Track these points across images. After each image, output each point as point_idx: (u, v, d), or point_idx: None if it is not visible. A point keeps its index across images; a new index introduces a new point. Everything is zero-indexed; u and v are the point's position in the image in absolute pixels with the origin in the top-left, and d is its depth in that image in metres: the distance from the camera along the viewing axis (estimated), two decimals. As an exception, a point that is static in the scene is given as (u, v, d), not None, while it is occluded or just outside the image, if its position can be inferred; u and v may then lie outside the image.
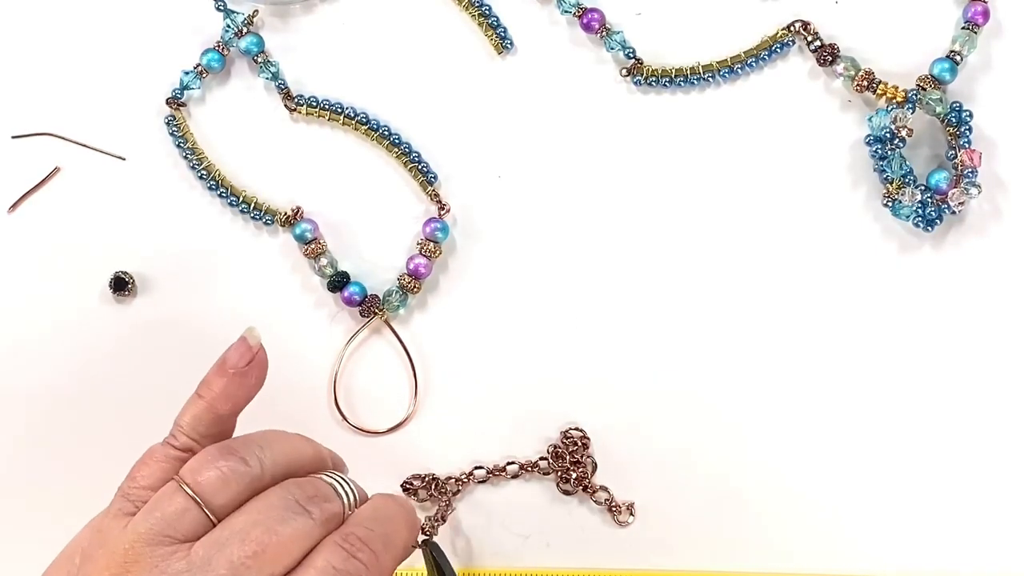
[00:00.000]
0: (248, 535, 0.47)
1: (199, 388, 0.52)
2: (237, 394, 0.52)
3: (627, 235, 0.65)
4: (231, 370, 0.52)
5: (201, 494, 0.48)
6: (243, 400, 0.52)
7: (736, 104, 0.66)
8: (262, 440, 0.51)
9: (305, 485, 0.50)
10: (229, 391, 0.52)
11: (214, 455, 0.49)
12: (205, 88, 0.67)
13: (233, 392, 0.52)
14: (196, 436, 0.51)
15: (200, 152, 0.66)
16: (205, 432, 0.51)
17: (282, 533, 0.48)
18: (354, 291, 0.65)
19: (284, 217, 0.65)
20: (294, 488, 0.50)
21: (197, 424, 0.51)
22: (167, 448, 0.51)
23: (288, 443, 0.52)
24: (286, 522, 0.48)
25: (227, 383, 0.52)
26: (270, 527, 0.48)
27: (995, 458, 0.64)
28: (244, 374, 0.52)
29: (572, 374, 0.65)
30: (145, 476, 0.50)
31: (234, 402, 0.52)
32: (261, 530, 0.48)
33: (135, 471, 0.51)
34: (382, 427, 0.65)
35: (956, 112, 0.63)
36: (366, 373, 0.66)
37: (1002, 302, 0.64)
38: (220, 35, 0.66)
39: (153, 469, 0.50)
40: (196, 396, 0.52)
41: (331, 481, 0.51)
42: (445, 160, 0.66)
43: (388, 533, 0.50)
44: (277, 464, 0.51)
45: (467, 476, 0.64)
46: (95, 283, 0.66)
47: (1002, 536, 0.64)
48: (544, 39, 0.67)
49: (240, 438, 0.51)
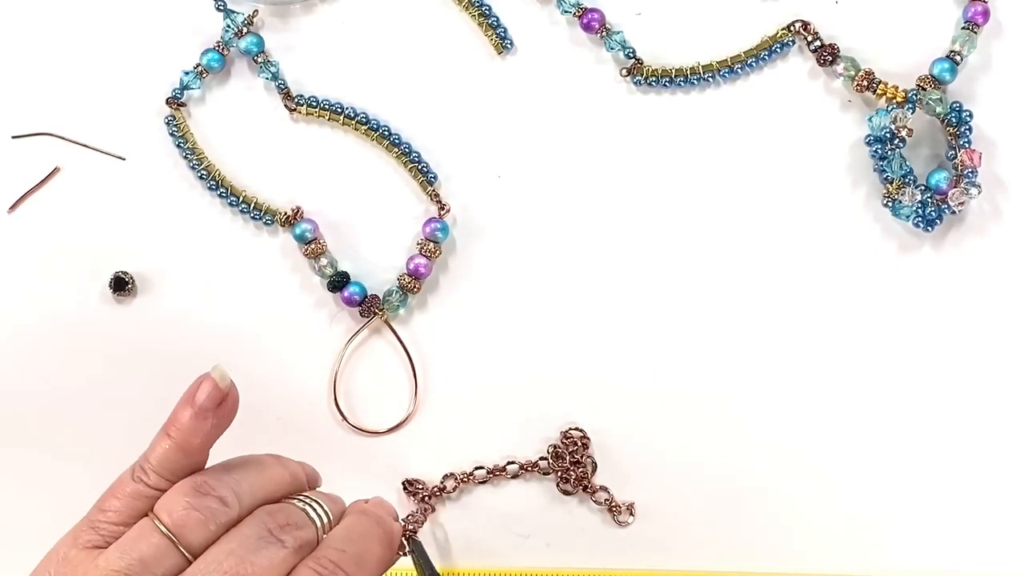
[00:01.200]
0: (221, 567, 0.47)
1: (167, 426, 0.50)
2: (207, 432, 0.50)
3: (627, 235, 0.65)
4: (200, 411, 0.50)
5: (178, 535, 0.48)
6: (214, 436, 0.51)
7: (736, 104, 0.66)
8: (238, 473, 0.51)
9: (277, 514, 0.50)
10: (199, 429, 0.50)
11: (190, 494, 0.49)
12: (205, 88, 0.67)
13: (203, 430, 0.50)
14: (166, 475, 0.50)
15: (200, 152, 0.66)
16: (175, 470, 0.50)
17: (257, 563, 0.48)
18: (354, 291, 0.65)
19: (284, 217, 0.65)
20: (266, 518, 0.50)
21: (166, 463, 0.50)
22: (138, 484, 0.50)
23: (262, 473, 0.51)
24: (260, 552, 0.48)
25: (196, 422, 0.50)
26: (244, 557, 0.48)
27: (995, 458, 0.64)
28: (215, 413, 0.51)
29: (572, 374, 0.65)
30: (115, 510, 0.49)
31: (204, 438, 0.51)
32: (235, 560, 0.48)
33: (104, 503, 0.50)
34: (382, 427, 0.65)
35: (956, 112, 0.63)
36: (366, 373, 0.66)
37: (1002, 302, 0.64)
38: (220, 35, 0.66)
39: (124, 503, 0.49)
40: (164, 435, 0.50)
41: (303, 506, 0.51)
42: (445, 160, 0.66)
43: (360, 552, 0.50)
44: (255, 497, 0.50)
45: (467, 476, 0.64)
46: (95, 283, 0.66)
47: (1002, 536, 0.64)
48: (544, 39, 0.67)
49: (214, 471, 0.51)
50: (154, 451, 0.50)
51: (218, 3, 0.67)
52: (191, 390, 0.51)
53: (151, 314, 0.66)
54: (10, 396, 0.66)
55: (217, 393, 0.50)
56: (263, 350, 0.65)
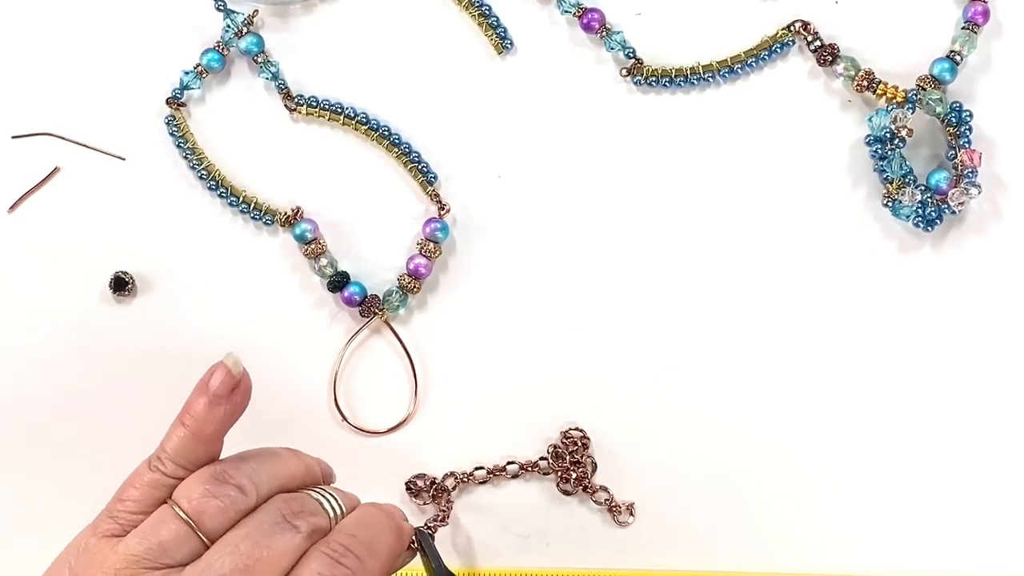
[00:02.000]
0: (238, 549, 0.48)
1: (181, 414, 0.51)
2: (221, 419, 0.51)
3: (627, 235, 0.65)
4: (214, 398, 0.51)
5: (197, 521, 0.49)
6: (228, 423, 0.52)
7: (736, 104, 0.66)
8: (255, 462, 0.51)
9: (291, 501, 0.51)
10: (213, 416, 0.51)
11: (209, 482, 0.50)
12: (205, 88, 0.67)
13: (217, 417, 0.51)
14: (183, 463, 0.51)
15: (200, 152, 0.66)
16: (192, 458, 0.51)
17: (271, 547, 0.48)
18: (354, 291, 0.65)
19: (284, 217, 0.65)
20: (281, 505, 0.50)
21: (182, 451, 0.51)
22: (155, 473, 0.50)
23: (279, 464, 0.52)
24: (274, 536, 0.49)
25: (210, 410, 0.51)
26: (259, 541, 0.48)
27: (995, 458, 0.64)
28: (228, 400, 0.51)
29: (572, 374, 0.65)
30: (133, 499, 0.50)
31: (218, 425, 0.51)
32: (250, 544, 0.48)
33: (123, 493, 0.50)
34: (382, 427, 0.66)
35: (956, 112, 0.63)
36: (366, 373, 0.66)
37: (1002, 302, 0.64)
38: (220, 35, 0.66)
39: (142, 493, 0.50)
40: (179, 423, 0.51)
41: (318, 497, 0.52)
42: (445, 160, 0.66)
43: (372, 539, 0.51)
44: (271, 487, 0.51)
45: (467, 476, 0.64)
46: (95, 283, 0.66)
47: (1002, 536, 0.64)
48: (544, 39, 0.67)
49: (232, 461, 0.51)
50: (170, 440, 0.51)
51: (218, 3, 0.67)
52: (204, 378, 0.51)
53: (151, 314, 0.66)
54: (10, 396, 0.66)
55: (230, 380, 0.51)
56: (263, 350, 0.65)
